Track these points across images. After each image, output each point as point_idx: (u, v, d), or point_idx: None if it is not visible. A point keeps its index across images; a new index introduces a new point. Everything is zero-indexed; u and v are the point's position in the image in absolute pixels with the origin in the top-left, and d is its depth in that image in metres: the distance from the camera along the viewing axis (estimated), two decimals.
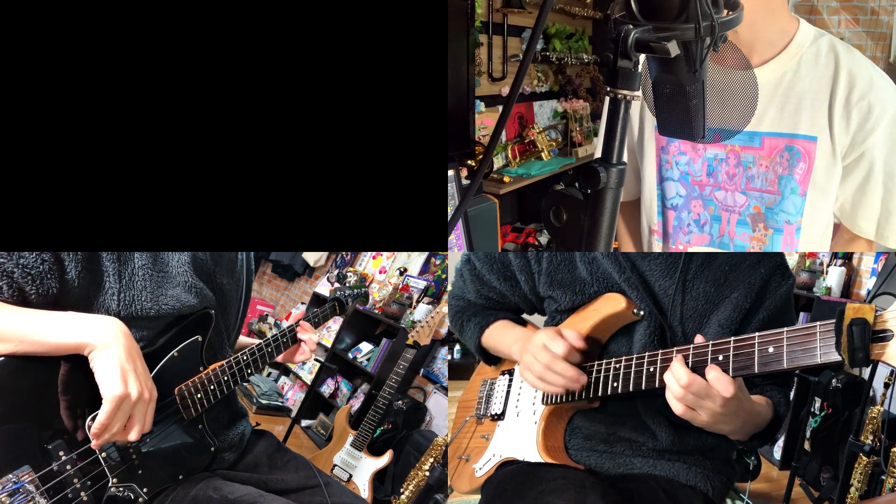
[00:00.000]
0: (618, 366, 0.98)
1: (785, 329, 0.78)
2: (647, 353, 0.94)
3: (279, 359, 1.26)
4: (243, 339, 1.35)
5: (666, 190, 1.36)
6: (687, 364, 0.86)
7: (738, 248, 1.31)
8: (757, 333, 0.81)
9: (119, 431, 0.85)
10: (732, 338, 0.84)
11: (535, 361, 1.01)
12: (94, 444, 0.85)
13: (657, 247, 1.43)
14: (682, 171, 1.32)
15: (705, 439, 1.06)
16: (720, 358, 0.84)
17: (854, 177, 1.19)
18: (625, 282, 1.03)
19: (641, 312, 1.02)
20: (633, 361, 0.96)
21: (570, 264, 1.08)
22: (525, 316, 1.25)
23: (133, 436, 0.87)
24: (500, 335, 1.18)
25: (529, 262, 1.12)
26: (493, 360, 1.26)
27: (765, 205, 1.25)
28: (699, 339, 0.89)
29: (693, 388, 0.84)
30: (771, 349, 0.79)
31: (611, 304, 1.03)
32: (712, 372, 0.84)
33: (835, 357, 0.72)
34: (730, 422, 0.89)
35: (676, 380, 0.86)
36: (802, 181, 1.20)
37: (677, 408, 0.87)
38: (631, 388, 0.95)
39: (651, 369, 0.93)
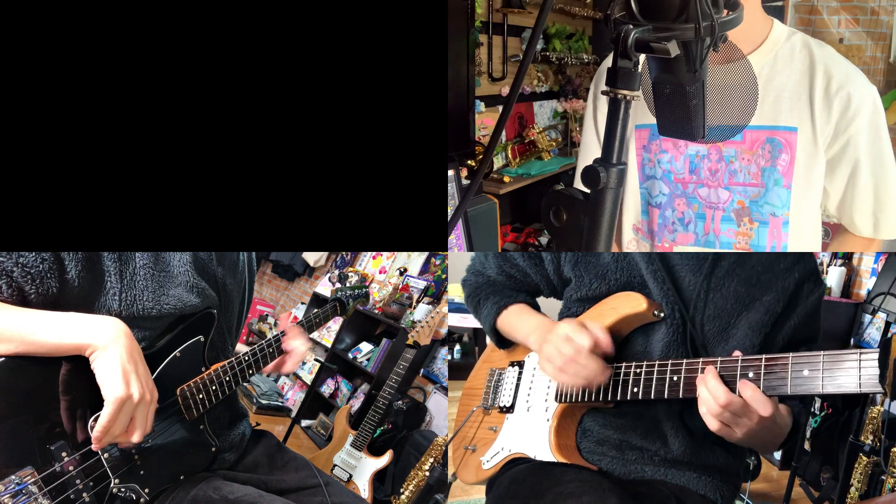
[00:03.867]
0: (639, 370, 0.96)
1: (822, 353, 0.77)
2: (670, 361, 0.93)
3: (267, 369, 1.20)
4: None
5: (650, 188, 1.36)
6: (756, 380, 0.83)
7: (724, 246, 1.30)
8: (791, 354, 0.80)
9: (121, 433, 0.85)
10: (764, 355, 0.83)
11: (558, 353, 0.98)
12: (94, 446, 0.84)
13: (642, 246, 1.43)
14: (664, 170, 1.32)
15: (718, 457, 1.04)
16: (750, 375, 0.83)
17: (842, 169, 1.20)
18: (650, 274, 1.01)
19: (662, 314, 1.00)
20: (656, 368, 0.94)
21: (597, 253, 1.07)
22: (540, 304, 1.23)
23: (136, 438, 0.86)
24: (517, 320, 1.15)
25: None
26: (506, 343, 1.23)
27: (749, 198, 1.25)
28: (737, 353, 0.88)
29: (732, 406, 0.83)
30: (806, 372, 0.78)
31: (631, 304, 1.01)
32: (748, 390, 0.82)
33: (876, 388, 0.71)
34: (763, 437, 0.87)
35: (714, 397, 0.84)
36: (786, 172, 1.20)
37: (713, 424, 0.86)
38: (652, 396, 0.93)
39: (675, 378, 0.91)
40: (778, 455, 2.77)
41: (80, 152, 0.78)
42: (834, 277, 2.87)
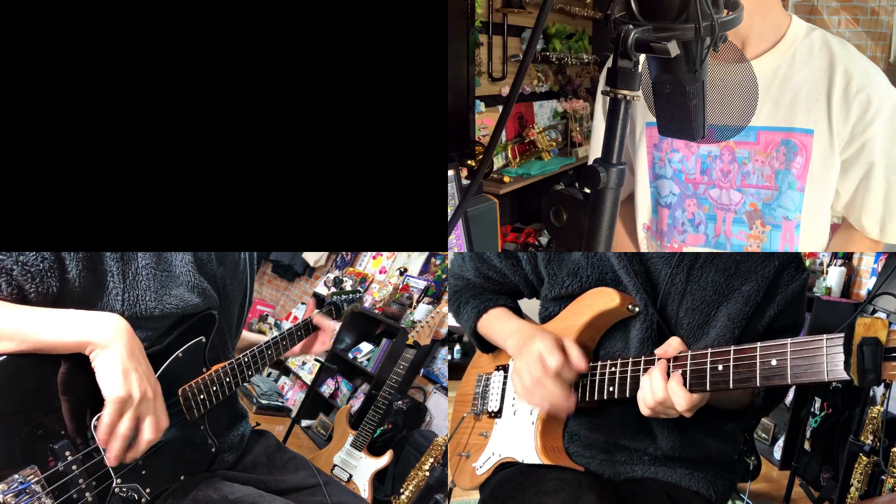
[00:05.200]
0: (613, 369, 0.96)
1: (789, 340, 0.75)
2: (643, 357, 0.93)
3: (297, 349, 1.29)
4: (249, 335, 1.35)
5: (660, 188, 1.34)
6: (684, 376, 0.86)
7: (735, 248, 1.28)
8: (759, 343, 0.78)
9: (128, 433, 0.84)
10: (732, 346, 0.81)
11: (527, 372, 0.97)
12: (112, 460, 0.84)
13: (652, 245, 1.42)
14: (675, 169, 1.30)
15: (708, 448, 1.04)
16: (720, 368, 0.82)
17: (855, 171, 1.18)
18: (622, 269, 1.00)
19: (637, 309, 0.99)
20: (630, 366, 0.94)
21: (569, 252, 1.07)
22: (522, 306, 1.23)
23: (149, 434, 0.85)
24: (497, 324, 1.14)
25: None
26: (488, 347, 1.22)
27: (761, 201, 1.23)
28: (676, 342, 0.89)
29: (666, 403, 0.87)
30: (774, 362, 0.76)
31: (604, 300, 1.00)
32: (673, 383, 0.85)
33: (843, 376, 0.68)
34: (699, 413, 0.90)
35: (653, 393, 0.88)
36: (800, 175, 1.18)
37: (644, 412, 0.90)
38: (627, 394, 0.93)
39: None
40: (778, 455, 2.78)
41: (83, 152, 0.78)
42: (834, 277, 2.87)
